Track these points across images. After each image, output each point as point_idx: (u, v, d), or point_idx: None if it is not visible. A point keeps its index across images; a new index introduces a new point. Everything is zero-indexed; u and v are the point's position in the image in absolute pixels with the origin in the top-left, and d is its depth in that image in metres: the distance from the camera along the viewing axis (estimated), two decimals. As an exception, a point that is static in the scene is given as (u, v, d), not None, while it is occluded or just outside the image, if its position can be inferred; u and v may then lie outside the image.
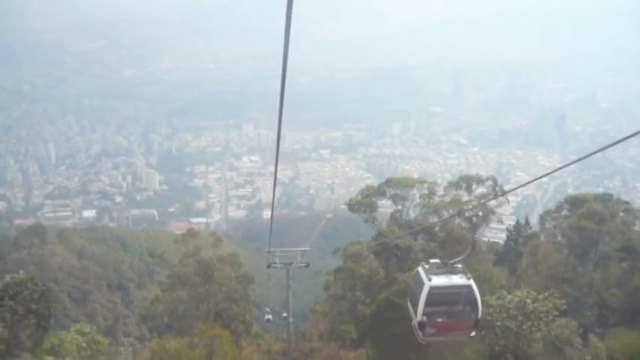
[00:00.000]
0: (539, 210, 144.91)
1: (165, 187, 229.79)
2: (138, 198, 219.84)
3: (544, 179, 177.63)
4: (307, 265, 27.98)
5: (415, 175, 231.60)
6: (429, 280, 15.56)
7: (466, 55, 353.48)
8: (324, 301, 48.07)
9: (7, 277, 27.06)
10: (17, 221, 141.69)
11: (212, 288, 43.74)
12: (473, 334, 16.36)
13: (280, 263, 28.05)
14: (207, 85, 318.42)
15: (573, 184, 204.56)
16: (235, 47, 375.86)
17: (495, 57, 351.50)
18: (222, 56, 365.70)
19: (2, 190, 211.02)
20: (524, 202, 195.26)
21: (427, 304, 15.50)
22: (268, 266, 28.22)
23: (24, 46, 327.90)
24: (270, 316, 34.53)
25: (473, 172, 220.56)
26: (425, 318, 15.65)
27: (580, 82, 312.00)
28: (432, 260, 16.65)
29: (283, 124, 9.27)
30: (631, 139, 8.76)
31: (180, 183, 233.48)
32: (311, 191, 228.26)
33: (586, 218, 42.27)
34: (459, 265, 16.17)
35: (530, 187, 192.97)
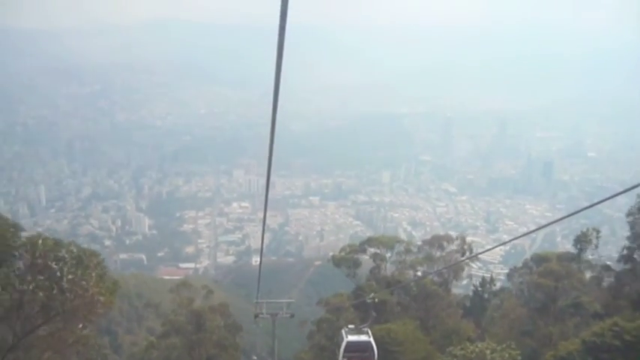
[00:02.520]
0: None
1: (154, 232, 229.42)
2: (127, 242, 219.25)
3: (532, 228, 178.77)
4: (292, 316, 31.15)
5: (404, 223, 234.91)
6: (347, 337, 26.02)
7: (455, 104, 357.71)
8: (309, 349, 50.84)
9: None
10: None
11: (203, 336, 46.49)
12: None
13: (267, 313, 29.97)
14: (198, 130, 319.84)
15: (562, 234, 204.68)
16: (227, 93, 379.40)
17: (484, 105, 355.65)
18: (215, 102, 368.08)
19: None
20: (512, 251, 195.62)
21: (345, 351, 25.75)
22: (256, 316, 30.41)
23: (18, 88, 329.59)
24: None
25: (462, 220, 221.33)
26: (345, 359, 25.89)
27: (567, 131, 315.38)
28: (350, 325, 27.75)
29: (274, 171, 10.01)
30: (619, 187, 9.78)
31: (170, 228, 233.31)
32: (300, 238, 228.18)
33: (544, 276, 45.35)
34: (366, 329, 26.78)
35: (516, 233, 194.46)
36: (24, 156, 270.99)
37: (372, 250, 53.37)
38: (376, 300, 34.84)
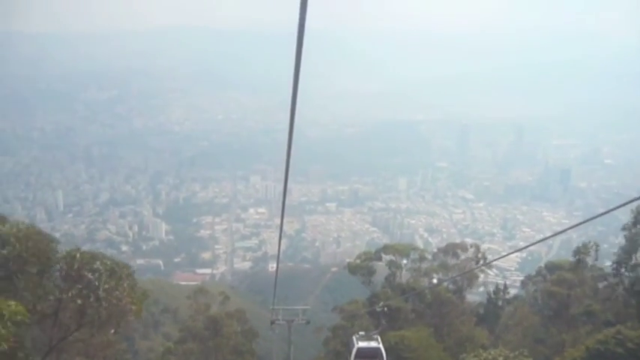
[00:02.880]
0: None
1: (171, 237, 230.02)
2: (144, 247, 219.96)
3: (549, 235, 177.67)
4: (307, 322, 31.98)
5: (421, 230, 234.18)
6: (357, 343, 26.90)
7: (471, 111, 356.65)
8: (324, 355, 52.14)
9: None
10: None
11: (220, 341, 47.60)
12: None
13: (283, 320, 30.56)
14: (216, 136, 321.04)
15: (578, 240, 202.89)
16: (245, 99, 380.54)
17: (500, 113, 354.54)
18: (232, 108, 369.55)
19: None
20: (529, 258, 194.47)
21: (356, 357, 26.63)
22: (272, 323, 30.93)
23: (36, 94, 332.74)
24: None
25: (479, 227, 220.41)
26: None
27: (585, 139, 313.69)
28: (360, 332, 28.74)
29: (290, 177, 10.28)
30: (636, 196, 9.89)
31: (187, 233, 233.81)
32: (317, 244, 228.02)
33: (557, 284, 46.11)
34: (376, 335, 27.90)
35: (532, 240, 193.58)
36: (41, 161, 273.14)
37: (387, 257, 53.99)
38: (385, 309, 37.02)
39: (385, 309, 36.01)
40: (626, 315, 40.11)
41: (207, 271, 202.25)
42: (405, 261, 54.02)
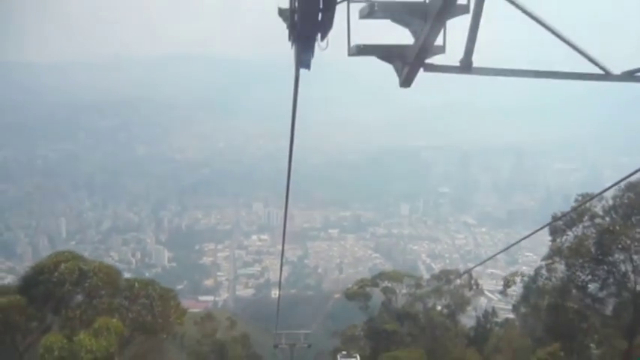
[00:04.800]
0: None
1: (174, 264, 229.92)
2: (147, 274, 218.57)
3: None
4: (309, 346, 33.00)
5: (424, 256, 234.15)
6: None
7: (472, 137, 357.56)
8: None
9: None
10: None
11: None
12: None
13: (286, 343, 31.55)
14: (218, 163, 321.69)
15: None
16: (246, 126, 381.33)
17: (502, 138, 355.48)
18: (234, 135, 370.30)
19: (12, 264, 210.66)
20: (525, 279, 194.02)
21: None
22: (275, 346, 32.04)
23: (38, 122, 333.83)
24: None
25: (482, 252, 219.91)
26: None
27: (585, 163, 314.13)
28: (343, 352, 33.12)
29: (292, 204, 10.89)
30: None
31: (189, 260, 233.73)
32: (319, 271, 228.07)
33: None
34: (356, 354, 31.81)
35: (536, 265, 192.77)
36: (44, 189, 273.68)
37: (382, 284, 57.72)
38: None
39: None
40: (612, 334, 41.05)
41: (210, 298, 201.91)
42: (401, 287, 57.21)
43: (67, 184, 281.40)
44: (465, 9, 7.34)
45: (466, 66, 8.86)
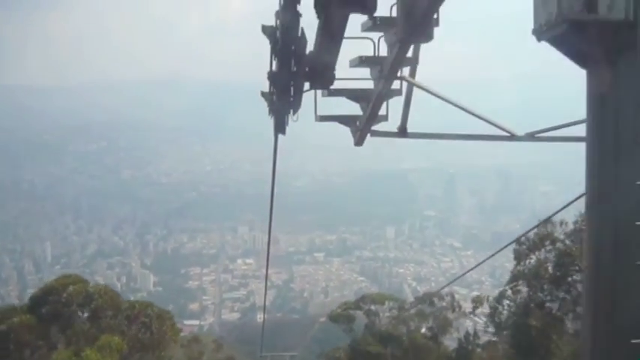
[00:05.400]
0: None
1: (159, 288, 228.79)
2: (132, 298, 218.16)
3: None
4: None
5: (409, 279, 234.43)
6: None
7: (458, 159, 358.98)
8: None
9: None
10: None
11: None
12: None
13: None
14: (204, 187, 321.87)
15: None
16: (232, 150, 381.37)
17: (488, 160, 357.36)
18: (220, 159, 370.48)
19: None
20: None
21: None
22: None
23: (24, 145, 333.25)
24: None
25: (467, 274, 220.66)
26: None
27: (571, 185, 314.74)
28: None
29: (278, 227, 13.55)
30: None
31: (175, 284, 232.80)
32: (305, 294, 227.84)
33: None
34: None
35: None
36: (30, 213, 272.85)
37: (365, 306, 58.51)
38: None
39: None
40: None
41: (196, 322, 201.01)
42: (384, 310, 58.20)
43: (52, 208, 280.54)
44: (398, 92, 10.81)
45: (402, 131, 13.05)
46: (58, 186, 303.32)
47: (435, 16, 7.73)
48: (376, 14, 7.32)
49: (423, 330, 56.56)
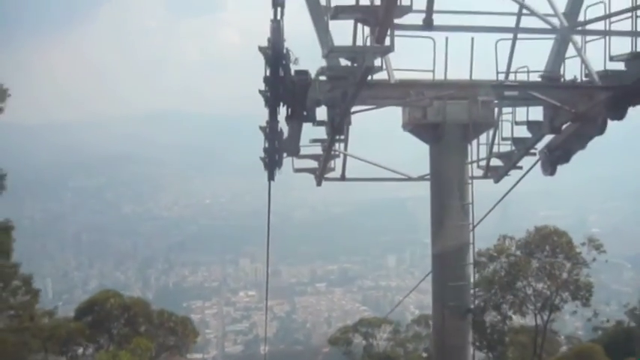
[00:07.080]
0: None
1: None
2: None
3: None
4: None
5: (412, 307, 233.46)
6: None
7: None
8: None
9: None
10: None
11: None
12: None
13: None
14: (204, 220, 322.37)
15: (569, 310, 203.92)
16: (232, 183, 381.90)
17: (486, 187, 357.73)
18: (220, 192, 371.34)
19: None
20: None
21: None
22: None
23: (24, 183, 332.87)
24: None
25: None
26: None
27: (571, 210, 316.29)
28: None
29: (279, 259, 17.07)
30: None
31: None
32: (308, 325, 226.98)
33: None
34: None
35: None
36: (31, 249, 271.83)
37: (362, 329, 61.39)
38: None
39: None
40: None
41: (199, 355, 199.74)
42: (382, 333, 61.07)
43: (53, 245, 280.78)
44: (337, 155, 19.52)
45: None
46: (59, 222, 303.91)
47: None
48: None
49: (420, 352, 58.55)
